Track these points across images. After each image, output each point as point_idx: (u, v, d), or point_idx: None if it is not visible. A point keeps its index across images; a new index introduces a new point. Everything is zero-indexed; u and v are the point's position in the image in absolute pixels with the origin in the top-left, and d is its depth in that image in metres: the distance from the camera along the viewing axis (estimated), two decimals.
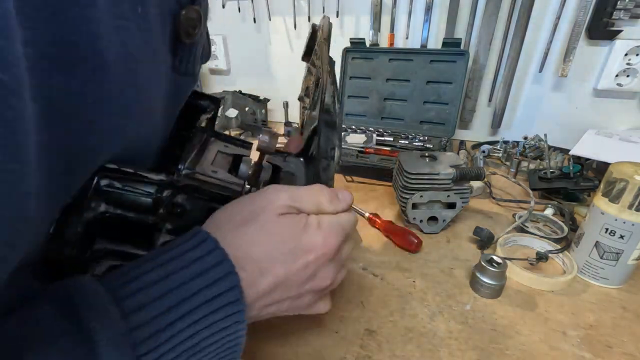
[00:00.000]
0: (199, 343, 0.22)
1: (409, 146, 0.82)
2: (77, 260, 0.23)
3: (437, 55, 0.87)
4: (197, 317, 0.21)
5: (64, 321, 0.18)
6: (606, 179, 0.44)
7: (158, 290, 0.21)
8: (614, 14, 0.76)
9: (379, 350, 0.37)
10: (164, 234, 0.26)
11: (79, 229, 0.22)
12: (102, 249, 0.24)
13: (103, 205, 0.23)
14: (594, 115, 0.88)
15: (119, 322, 0.19)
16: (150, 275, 0.21)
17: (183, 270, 0.22)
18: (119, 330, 0.19)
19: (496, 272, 0.42)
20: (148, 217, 0.25)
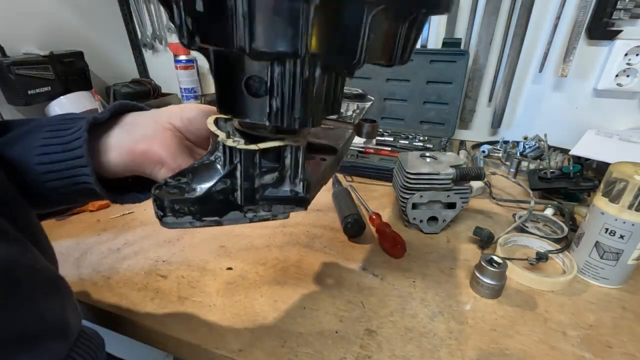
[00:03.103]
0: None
1: (409, 146, 0.82)
2: None
3: (437, 55, 0.87)
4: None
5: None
6: (606, 179, 0.44)
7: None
8: (614, 14, 0.76)
9: (379, 350, 0.37)
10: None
11: None
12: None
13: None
14: (594, 115, 0.88)
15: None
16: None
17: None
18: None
19: (496, 272, 0.42)
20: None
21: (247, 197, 0.27)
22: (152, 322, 0.40)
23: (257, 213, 0.28)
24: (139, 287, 0.46)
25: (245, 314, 0.41)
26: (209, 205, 0.27)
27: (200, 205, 0.26)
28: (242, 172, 0.26)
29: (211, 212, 0.27)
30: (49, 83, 0.90)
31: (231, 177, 0.26)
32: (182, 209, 0.26)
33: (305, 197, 0.27)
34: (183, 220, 0.27)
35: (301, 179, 0.27)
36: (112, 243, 0.55)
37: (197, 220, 0.27)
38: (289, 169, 0.27)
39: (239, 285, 0.46)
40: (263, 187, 0.27)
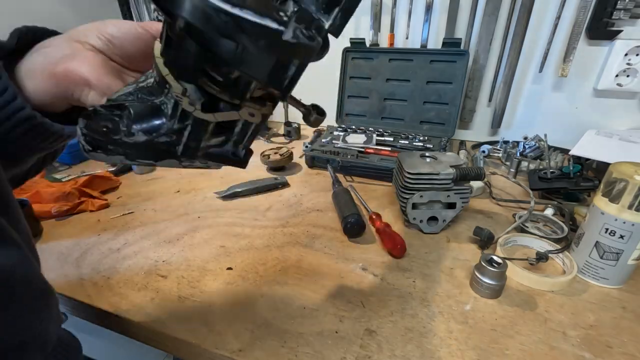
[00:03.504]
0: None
1: (409, 146, 0.82)
2: None
3: (437, 55, 0.87)
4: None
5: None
6: (606, 179, 0.44)
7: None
8: (614, 14, 0.76)
9: (379, 350, 0.37)
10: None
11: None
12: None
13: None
14: (594, 115, 0.88)
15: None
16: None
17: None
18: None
19: (496, 272, 0.42)
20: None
21: (187, 152, 0.26)
22: (152, 322, 0.40)
23: (193, 163, 0.27)
24: (139, 287, 0.46)
25: (245, 314, 0.41)
26: (147, 152, 0.26)
27: (137, 151, 0.25)
28: (191, 134, 0.25)
29: (147, 157, 0.26)
30: None
31: (177, 134, 0.25)
32: (116, 150, 0.25)
33: (244, 160, 0.28)
34: (114, 158, 0.26)
35: (245, 146, 0.27)
36: (112, 243, 0.55)
37: (130, 160, 0.26)
38: (236, 136, 0.27)
39: (239, 285, 0.46)
40: (207, 147, 0.26)
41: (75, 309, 0.45)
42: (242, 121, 0.25)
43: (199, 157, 0.26)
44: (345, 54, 0.94)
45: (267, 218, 0.61)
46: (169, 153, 0.26)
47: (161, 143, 0.25)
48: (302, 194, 0.70)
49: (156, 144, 0.25)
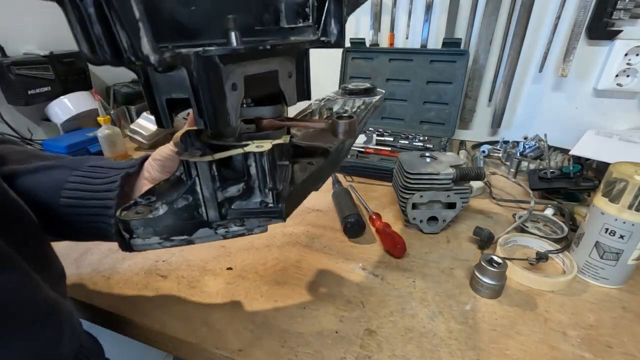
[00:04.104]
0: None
1: (409, 146, 0.82)
2: None
3: (437, 55, 0.87)
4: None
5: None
6: (606, 179, 0.44)
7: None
8: (614, 14, 0.76)
9: (379, 350, 0.37)
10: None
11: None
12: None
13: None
14: (594, 115, 0.88)
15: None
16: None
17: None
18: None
19: (496, 272, 0.42)
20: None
21: (211, 212, 0.25)
22: (152, 322, 0.40)
23: (229, 229, 0.26)
24: (139, 287, 0.46)
25: (245, 314, 0.41)
26: (174, 223, 0.25)
27: (166, 225, 0.25)
28: (201, 186, 0.24)
29: (179, 231, 0.25)
30: (49, 83, 0.90)
31: (192, 193, 0.24)
32: (147, 230, 0.25)
33: (279, 210, 0.25)
34: (151, 241, 0.25)
35: (270, 188, 0.25)
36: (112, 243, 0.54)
37: (165, 240, 0.26)
38: (256, 179, 0.25)
39: (239, 285, 0.46)
40: (229, 201, 0.25)
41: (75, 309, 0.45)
42: (253, 157, 0.24)
43: (225, 216, 0.25)
44: (345, 54, 0.94)
45: None
46: (194, 219, 0.25)
47: (181, 209, 0.25)
48: None
49: (177, 212, 0.25)
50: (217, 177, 0.24)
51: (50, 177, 0.33)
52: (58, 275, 0.33)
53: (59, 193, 0.32)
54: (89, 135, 0.87)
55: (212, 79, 0.21)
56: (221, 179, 0.24)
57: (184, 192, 0.25)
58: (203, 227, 0.26)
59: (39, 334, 0.26)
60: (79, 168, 0.33)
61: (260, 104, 0.27)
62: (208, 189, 0.24)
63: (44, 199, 0.32)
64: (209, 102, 0.21)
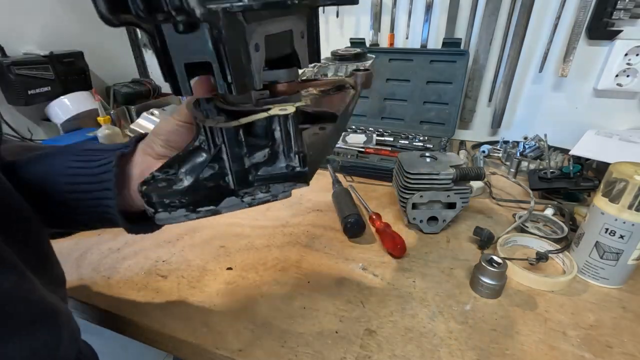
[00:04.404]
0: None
1: (409, 146, 0.82)
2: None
3: (437, 55, 0.87)
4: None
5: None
6: (606, 179, 0.44)
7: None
8: (614, 14, 0.76)
9: (379, 350, 0.37)
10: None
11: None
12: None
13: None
14: (594, 115, 0.88)
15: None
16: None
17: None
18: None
19: (496, 272, 0.42)
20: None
21: (239, 179, 0.24)
22: (152, 322, 0.40)
23: (255, 196, 0.26)
24: (139, 287, 0.46)
25: (245, 314, 0.41)
26: (200, 194, 0.25)
27: (192, 195, 0.25)
28: (228, 153, 0.23)
29: (205, 202, 0.25)
30: (49, 83, 0.90)
31: (218, 161, 0.24)
32: (172, 202, 0.25)
33: (304, 172, 0.25)
34: (177, 214, 0.25)
35: (296, 151, 0.24)
36: (112, 243, 0.55)
37: (191, 212, 0.25)
38: (281, 143, 0.24)
39: (239, 285, 0.46)
40: (255, 167, 0.24)
41: (75, 309, 0.45)
42: (278, 121, 0.23)
43: (252, 183, 0.25)
44: None
45: (267, 218, 0.61)
46: (221, 189, 0.25)
47: (207, 178, 0.24)
48: (302, 194, 0.70)
49: (203, 182, 0.24)
50: (245, 142, 0.23)
51: (50, 165, 0.32)
52: (58, 280, 0.33)
53: (60, 179, 0.31)
54: (89, 135, 0.88)
55: (238, 38, 0.20)
56: (249, 144, 0.24)
57: (210, 161, 0.24)
58: (229, 196, 0.25)
59: (38, 334, 0.26)
60: (75, 153, 0.32)
61: (275, 68, 0.27)
62: (236, 156, 0.24)
63: (46, 188, 0.31)
64: (236, 64, 0.21)
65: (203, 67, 0.21)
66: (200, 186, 0.24)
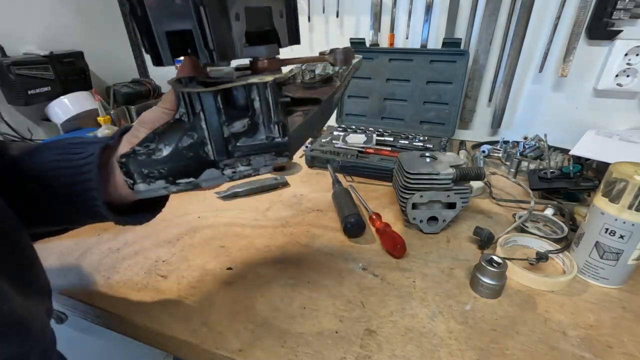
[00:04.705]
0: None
1: (409, 146, 0.82)
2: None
3: (437, 55, 0.87)
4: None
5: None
6: (606, 179, 0.44)
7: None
8: (614, 14, 0.76)
9: (379, 350, 0.37)
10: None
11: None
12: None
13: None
14: (594, 115, 0.88)
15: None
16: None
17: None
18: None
19: (496, 272, 0.42)
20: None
21: (218, 148, 0.24)
22: (152, 322, 0.40)
23: (236, 169, 0.26)
24: (139, 287, 0.46)
25: (245, 314, 0.41)
26: (179, 164, 0.25)
27: (171, 165, 0.25)
28: (207, 121, 0.24)
29: (184, 173, 0.25)
30: (49, 83, 0.90)
31: (197, 129, 0.24)
32: (151, 173, 0.25)
33: (284, 142, 0.25)
34: (156, 185, 0.25)
35: (275, 121, 0.24)
36: (112, 243, 0.55)
37: (171, 184, 0.25)
38: (260, 113, 0.24)
39: (239, 285, 0.46)
40: (235, 137, 0.24)
41: (75, 309, 0.45)
42: (257, 90, 0.23)
43: (232, 154, 0.25)
44: None
45: (267, 218, 0.61)
46: (200, 159, 0.25)
47: (186, 147, 0.24)
48: (302, 194, 0.70)
49: (182, 152, 0.24)
50: (224, 109, 0.24)
51: (37, 161, 0.32)
52: (43, 290, 0.32)
53: (43, 174, 0.31)
54: (89, 135, 0.88)
55: (218, 5, 0.21)
56: (228, 112, 0.24)
57: (188, 130, 0.24)
58: (209, 168, 0.25)
59: (2, 348, 0.25)
60: (60, 147, 0.32)
61: (256, 45, 0.27)
62: (214, 123, 0.24)
63: (32, 183, 0.31)
64: (217, 32, 0.21)
65: (183, 39, 0.22)
66: (179, 155, 0.25)
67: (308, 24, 1.03)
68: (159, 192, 0.26)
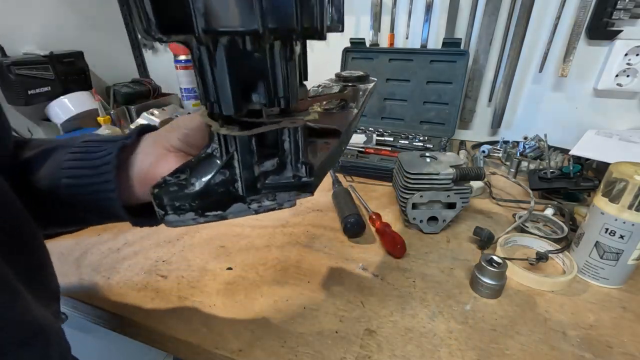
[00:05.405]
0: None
1: (409, 146, 0.82)
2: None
3: (437, 55, 0.87)
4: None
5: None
6: (606, 179, 0.44)
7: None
8: (614, 14, 0.76)
9: (379, 350, 0.37)
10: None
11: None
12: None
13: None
14: (594, 115, 0.88)
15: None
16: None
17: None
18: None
19: (496, 272, 0.42)
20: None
21: (248, 186, 0.26)
22: (152, 322, 0.40)
23: (262, 203, 0.27)
24: (139, 287, 0.46)
25: (245, 314, 0.41)
26: (210, 199, 0.26)
27: (201, 200, 0.26)
28: (240, 161, 0.25)
29: (213, 206, 0.26)
30: (49, 83, 0.90)
31: (229, 168, 0.25)
32: (183, 206, 0.26)
33: (310, 182, 0.26)
34: (185, 217, 0.26)
35: (303, 162, 0.26)
36: (112, 243, 0.55)
37: (200, 216, 0.26)
38: (289, 154, 0.26)
39: (239, 285, 0.46)
40: (264, 175, 0.26)
41: (75, 309, 0.45)
42: (287, 132, 0.25)
43: (260, 190, 0.26)
44: (345, 54, 0.94)
45: (267, 218, 0.61)
46: (230, 194, 0.26)
47: (218, 184, 0.25)
48: None
49: (213, 187, 0.25)
50: (257, 151, 0.25)
51: (51, 160, 0.32)
52: (53, 294, 0.32)
53: (59, 174, 0.31)
54: None
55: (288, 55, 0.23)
56: (260, 153, 0.25)
57: (222, 167, 0.25)
58: (237, 202, 0.26)
59: (26, 356, 0.25)
60: (75, 145, 0.32)
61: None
62: (247, 163, 0.25)
63: (47, 184, 0.31)
64: (286, 79, 0.23)
65: (250, 86, 0.23)
66: (210, 191, 0.26)
67: None
68: (188, 223, 0.27)
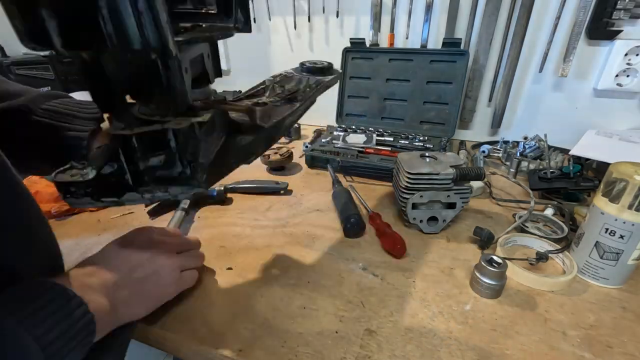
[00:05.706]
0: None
1: (409, 146, 0.82)
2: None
3: (437, 55, 0.87)
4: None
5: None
6: (606, 179, 0.44)
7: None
8: (614, 14, 0.76)
9: (379, 350, 0.37)
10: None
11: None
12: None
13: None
14: (594, 115, 0.88)
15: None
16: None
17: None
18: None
19: (496, 272, 0.42)
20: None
21: (134, 179, 0.28)
22: (152, 322, 0.40)
23: (155, 193, 0.29)
24: None
25: (245, 314, 0.41)
26: (102, 187, 0.28)
27: (94, 187, 0.28)
28: (124, 156, 0.27)
29: (108, 193, 0.29)
30: (49, 83, 0.90)
31: (117, 161, 0.28)
32: (78, 191, 0.28)
33: (193, 177, 0.29)
34: (83, 201, 0.29)
35: (188, 160, 0.28)
36: None
37: (96, 201, 0.29)
38: (176, 152, 0.28)
39: (239, 285, 0.46)
40: (152, 170, 0.28)
41: None
42: (171, 133, 0.27)
43: (148, 183, 0.29)
44: (345, 54, 0.94)
45: (267, 218, 0.61)
46: (122, 184, 0.29)
47: (108, 175, 0.28)
48: (302, 194, 0.70)
49: (104, 177, 0.28)
50: (138, 148, 0.27)
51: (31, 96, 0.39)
52: (49, 258, 0.35)
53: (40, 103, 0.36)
54: None
55: (178, 64, 0.25)
56: (144, 150, 0.28)
57: (109, 160, 0.28)
58: (130, 191, 0.29)
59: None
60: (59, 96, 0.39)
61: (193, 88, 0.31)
62: (130, 159, 0.28)
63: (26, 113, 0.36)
64: (176, 87, 0.26)
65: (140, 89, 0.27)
66: (101, 180, 0.28)
67: (308, 24, 1.03)
68: (86, 206, 0.30)
